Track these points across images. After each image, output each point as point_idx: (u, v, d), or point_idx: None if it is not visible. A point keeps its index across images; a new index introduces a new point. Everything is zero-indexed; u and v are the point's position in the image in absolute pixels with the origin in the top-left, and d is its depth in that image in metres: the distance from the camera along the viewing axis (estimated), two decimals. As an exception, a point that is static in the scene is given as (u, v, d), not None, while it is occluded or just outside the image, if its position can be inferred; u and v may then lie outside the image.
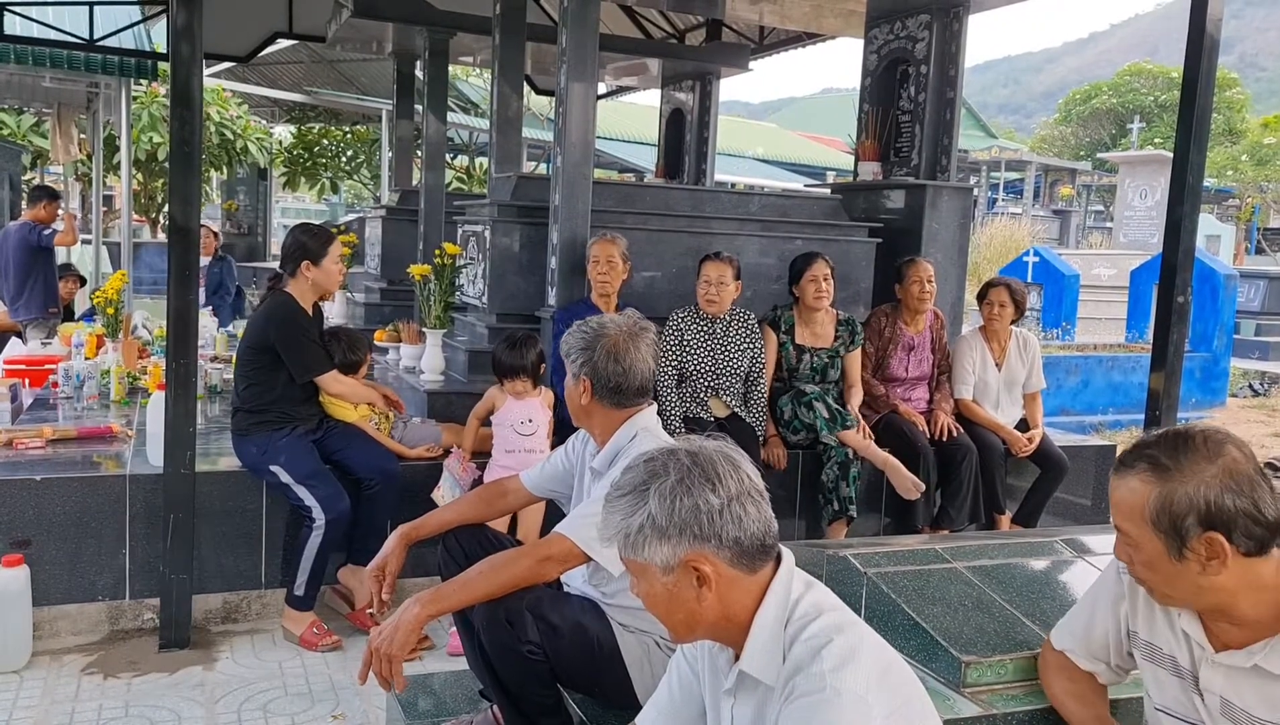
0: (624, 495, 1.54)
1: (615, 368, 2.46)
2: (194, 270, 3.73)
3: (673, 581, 1.52)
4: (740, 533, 1.51)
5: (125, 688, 3.42)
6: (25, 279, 7.67)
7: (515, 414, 4.04)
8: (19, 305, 7.81)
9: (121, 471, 3.93)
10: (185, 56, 3.71)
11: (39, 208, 7.89)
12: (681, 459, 1.54)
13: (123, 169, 9.02)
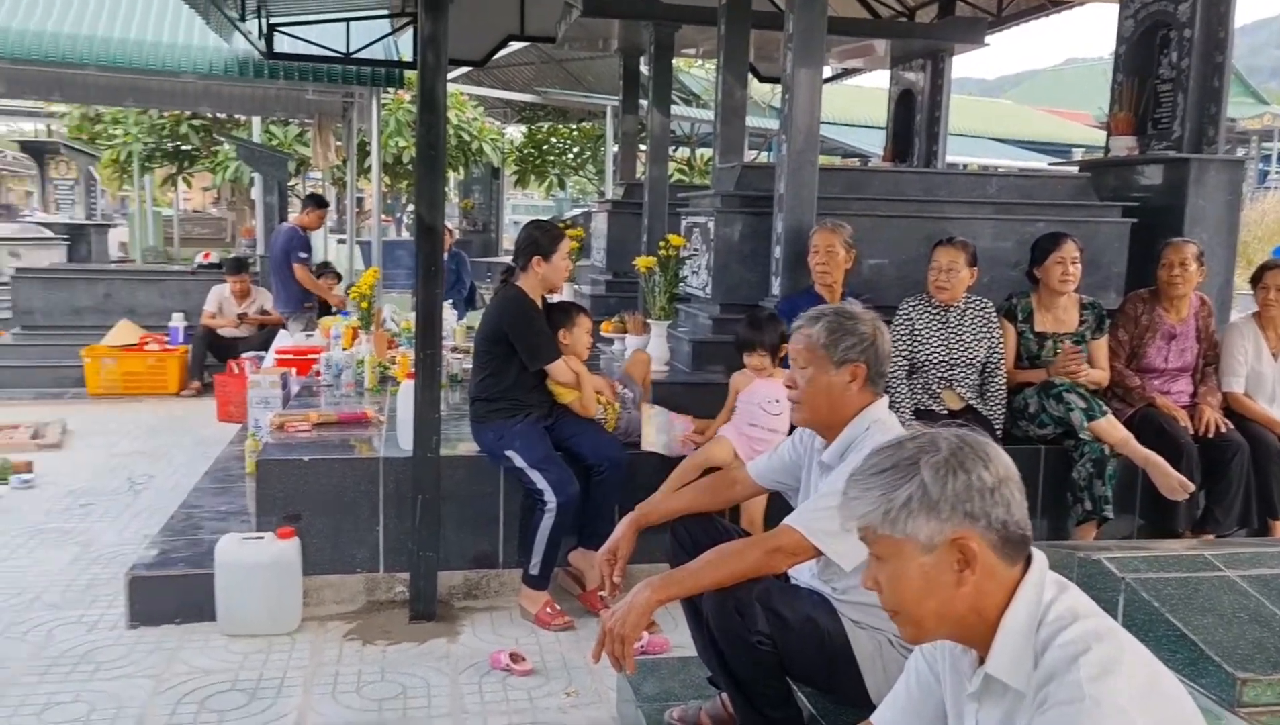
0: (883, 471, 1.49)
1: (886, 351, 2.44)
2: (439, 266, 3.95)
3: (932, 562, 1.45)
4: (1008, 517, 1.44)
5: (381, 654, 3.68)
6: (286, 276, 8.42)
7: (763, 393, 4.05)
8: (281, 300, 8.58)
9: (375, 454, 4.22)
10: (431, 64, 3.93)
11: (305, 213, 8.64)
12: (949, 437, 1.49)
13: (373, 172, 9.69)
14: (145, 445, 6.89)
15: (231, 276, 8.93)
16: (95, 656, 3.59)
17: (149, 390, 8.45)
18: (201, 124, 15.99)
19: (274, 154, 12.05)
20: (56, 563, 4.56)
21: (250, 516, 4.46)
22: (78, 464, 6.32)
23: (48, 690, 3.33)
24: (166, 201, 22.51)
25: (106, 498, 5.64)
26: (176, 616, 3.87)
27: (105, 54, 7.98)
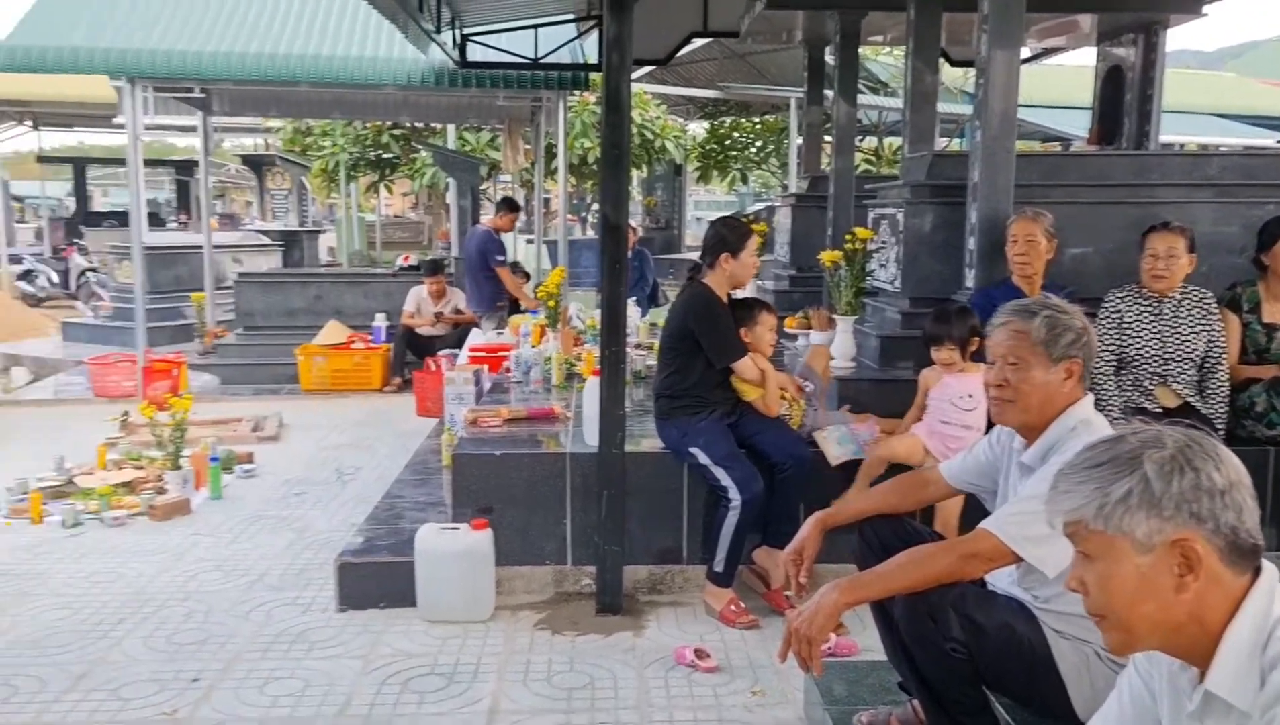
0: (1099, 464, 1.40)
1: (1095, 347, 2.35)
2: (624, 265, 4.01)
3: (1149, 563, 1.36)
4: (1239, 523, 1.33)
5: (569, 645, 3.76)
6: (479, 277, 8.77)
7: (955, 389, 3.91)
8: (474, 299, 8.94)
9: (562, 450, 4.32)
10: (615, 65, 3.98)
11: (500, 216, 8.97)
12: (1175, 434, 1.39)
13: (559, 173, 9.94)
14: (352, 438, 7.32)
15: (429, 278, 9.37)
16: (309, 636, 3.84)
17: (355, 386, 8.98)
18: (401, 133, 16.84)
19: (467, 159, 12.55)
20: (275, 547, 4.90)
21: (447, 507, 4.66)
22: (293, 455, 6.78)
23: (269, 666, 3.59)
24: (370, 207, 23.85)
25: (318, 487, 6.02)
26: (381, 601, 4.09)
27: (315, 71, 8.52)
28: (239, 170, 27.35)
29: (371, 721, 3.20)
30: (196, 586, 4.37)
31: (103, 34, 8.44)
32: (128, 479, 5.76)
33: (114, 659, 3.64)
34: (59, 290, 17.07)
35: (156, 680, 3.46)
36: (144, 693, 3.37)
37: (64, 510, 5.27)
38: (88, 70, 8.44)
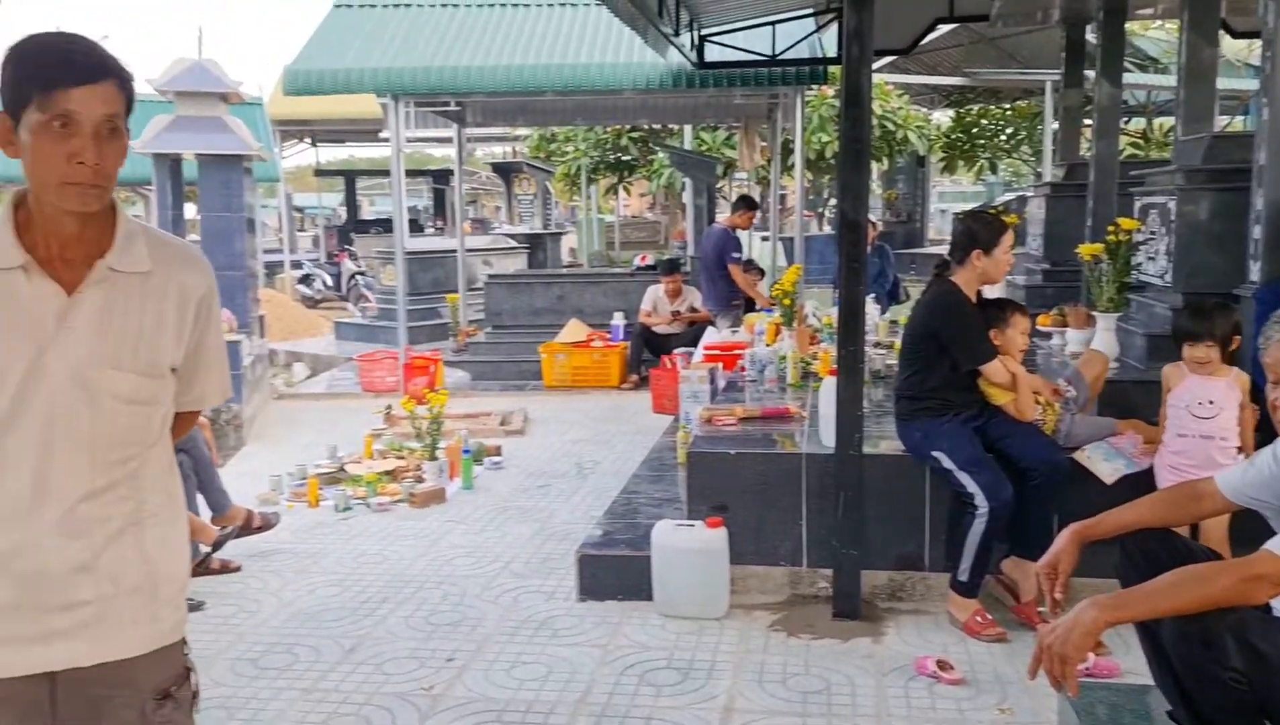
0: None
1: None
2: (863, 262, 3.91)
3: None
4: None
5: (805, 648, 3.72)
6: (715, 275, 8.83)
7: (1192, 393, 3.58)
8: (710, 297, 9.01)
9: (797, 450, 4.27)
10: (855, 57, 3.89)
11: (738, 214, 9.01)
12: None
13: (796, 170, 9.85)
14: (591, 433, 7.56)
15: (665, 277, 9.53)
16: (552, 623, 4.00)
17: (594, 383, 9.26)
18: (639, 135, 17.25)
19: (703, 159, 12.68)
20: (520, 536, 5.14)
21: (682, 504, 4.71)
22: (537, 449, 7.08)
23: (516, 649, 3.76)
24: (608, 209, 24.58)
25: (560, 480, 6.26)
26: (619, 593, 4.19)
27: (559, 79, 8.87)
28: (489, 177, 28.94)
29: (610, 710, 3.28)
30: (450, 570, 4.64)
31: (370, 56, 9.14)
32: (391, 468, 6.21)
33: (378, 635, 3.93)
34: (332, 292, 18.67)
35: (415, 657, 3.71)
36: (405, 668, 3.62)
37: (336, 495, 5.74)
38: (358, 90, 9.16)
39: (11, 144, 1.59)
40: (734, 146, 14.08)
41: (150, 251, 1.71)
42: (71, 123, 1.54)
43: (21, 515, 1.61)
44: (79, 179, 1.56)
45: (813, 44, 8.69)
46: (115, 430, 1.66)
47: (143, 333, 1.67)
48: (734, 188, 18.65)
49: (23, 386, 1.59)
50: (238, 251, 8.33)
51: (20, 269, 1.60)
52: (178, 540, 1.81)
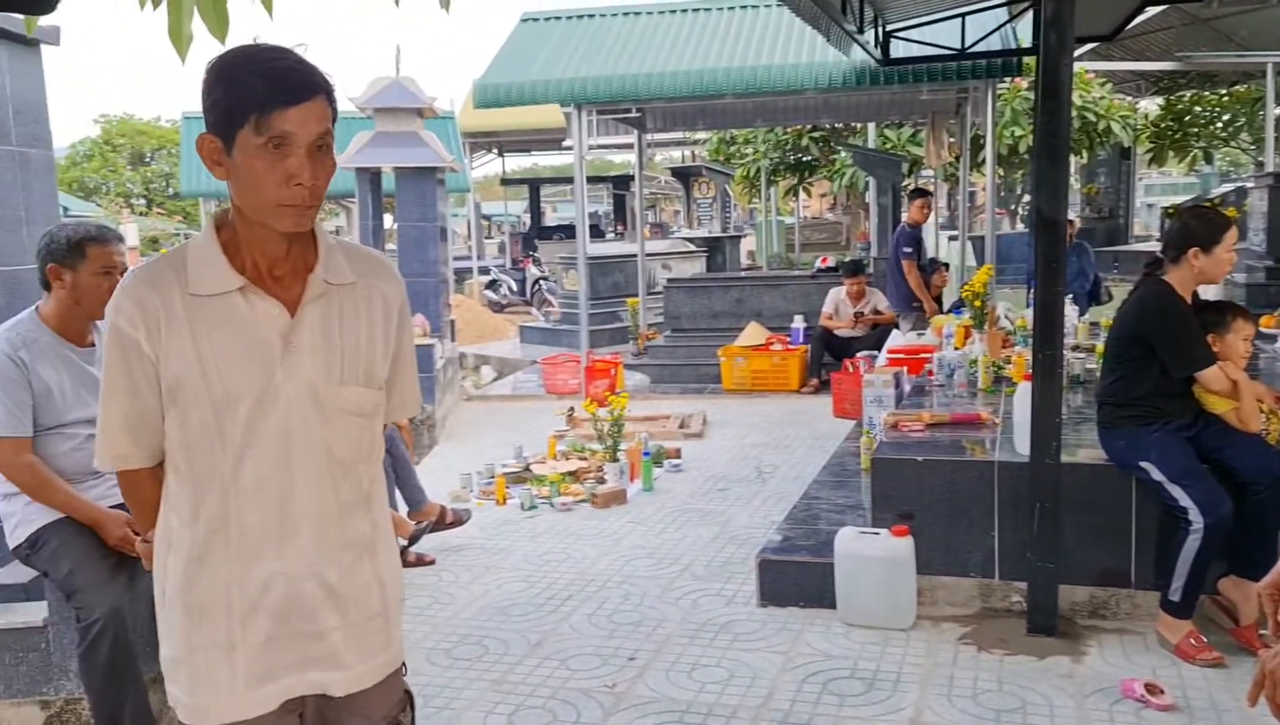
0: None
1: None
2: (1061, 262, 3.72)
3: None
4: None
5: (997, 664, 3.56)
6: (898, 274, 8.60)
7: None
8: (892, 298, 8.78)
9: (989, 457, 4.10)
10: (1054, 46, 3.70)
11: (913, 207, 8.77)
12: None
13: (987, 166, 9.47)
14: (770, 437, 7.50)
15: (848, 279, 9.35)
16: (733, 628, 3.98)
17: (773, 387, 9.19)
18: (820, 135, 17.00)
19: (888, 157, 12.37)
20: (700, 539, 5.15)
21: (865, 511, 4.61)
22: (716, 451, 7.09)
23: (697, 652, 3.77)
24: (788, 210, 24.34)
25: (739, 484, 6.24)
26: (800, 600, 4.14)
27: (740, 82, 8.85)
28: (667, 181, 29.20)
29: (793, 717, 3.24)
30: (631, 571, 4.70)
31: (555, 67, 9.38)
32: (573, 468, 6.35)
33: (563, 631, 4.02)
34: (517, 297, 19.32)
35: (599, 654, 3.78)
36: (588, 665, 3.69)
37: (522, 494, 5.92)
38: (544, 100, 9.43)
39: (220, 165, 1.55)
40: (920, 143, 13.66)
41: (349, 263, 1.70)
42: (287, 144, 1.51)
43: (272, 546, 1.60)
44: (295, 201, 1.53)
45: (1005, 35, 8.33)
46: (349, 447, 1.65)
47: (359, 344, 1.66)
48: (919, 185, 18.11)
49: (256, 412, 1.57)
50: (431, 259, 8.74)
51: (238, 292, 1.58)
52: (397, 560, 1.81)
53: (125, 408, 1.61)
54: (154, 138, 33.21)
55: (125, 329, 1.57)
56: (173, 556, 1.65)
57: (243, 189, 1.55)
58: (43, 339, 2.94)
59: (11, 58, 3.90)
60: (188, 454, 1.60)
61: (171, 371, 1.57)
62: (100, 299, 2.95)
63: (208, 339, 1.57)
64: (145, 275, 1.59)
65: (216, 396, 1.56)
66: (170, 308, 1.57)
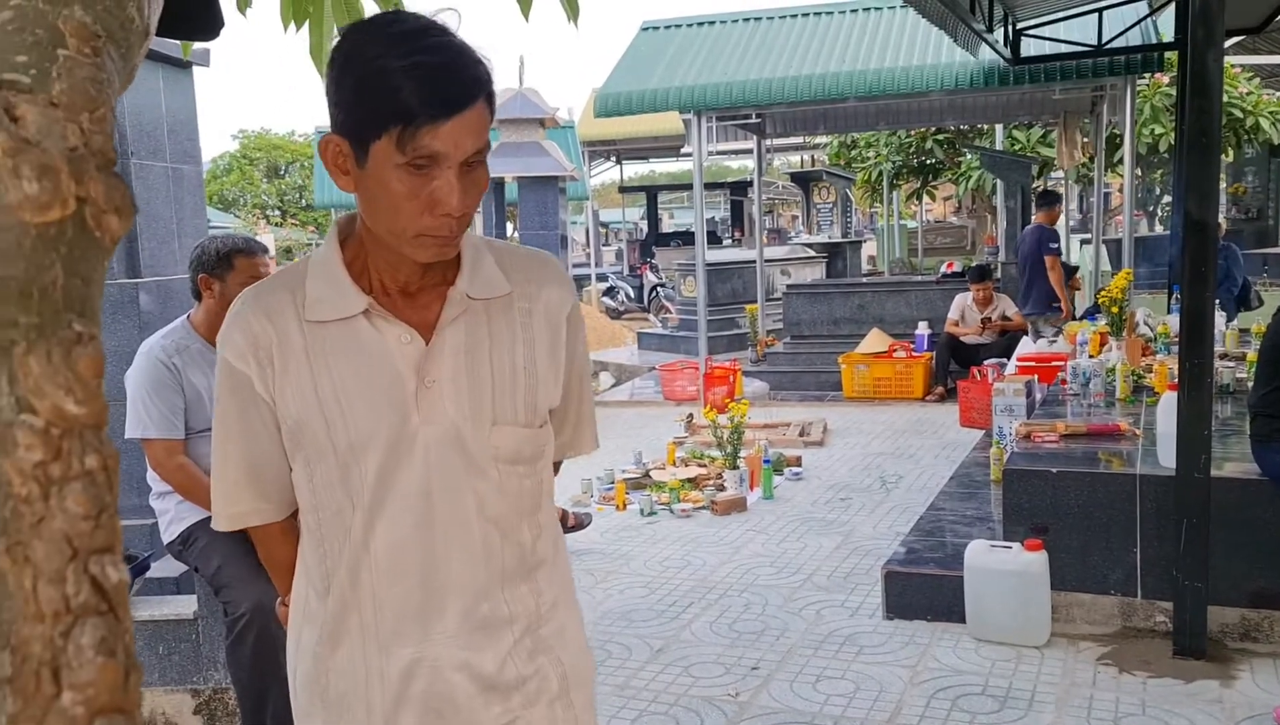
0: None
1: None
2: (1210, 267, 3.54)
3: None
4: None
5: (1140, 686, 3.40)
6: (1035, 274, 8.33)
7: None
8: (1030, 300, 8.49)
9: (1129, 470, 3.92)
10: (1201, 40, 3.53)
11: (1048, 214, 8.49)
12: None
13: (1125, 166, 9.08)
14: (894, 446, 7.34)
15: (975, 284, 9.10)
16: (858, 640, 3.91)
17: (896, 395, 9.00)
18: (945, 137, 16.61)
19: (1017, 159, 12.00)
20: (822, 549, 5.08)
21: (995, 523, 4.47)
22: (837, 460, 6.98)
23: (821, 663, 3.71)
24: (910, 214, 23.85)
25: (861, 493, 6.12)
26: (927, 613, 4.03)
27: (862, 85, 8.72)
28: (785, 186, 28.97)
29: (921, 736, 3.16)
30: (752, 579, 4.67)
31: (675, 75, 9.42)
32: (692, 475, 6.35)
33: (685, 638, 4.02)
34: (634, 304, 19.44)
35: (721, 663, 3.75)
36: (711, 673, 3.68)
37: (641, 500, 5.94)
38: (664, 108, 9.48)
39: (347, 174, 1.23)
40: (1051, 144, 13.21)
41: (503, 268, 1.37)
42: (435, 165, 1.19)
43: (413, 625, 1.31)
44: (440, 232, 1.22)
45: (1145, 29, 7.99)
46: (505, 503, 1.34)
47: (515, 372, 1.34)
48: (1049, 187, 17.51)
49: (389, 463, 1.28)
50: (553, 266, 8.87)
51: (362, 315, 1.29)
52: (579, 626, 1.47)
53: (243, 455, 1.35)
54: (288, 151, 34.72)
55: (235, 364, 1.31)
56: (307, 629, 1.38)
57: (375, 210, 1.24)
58: (193, 346, 3.08)
59: (167, 79, 4.13)
60: (317, 513, 1.33)
61: (291, 415, 1.30)
62: None
63: (328, 375, 1.28)
64: (256, 299, 1.33)
65: (341, 446, 1.28)
66: (285, 338, 1.29)
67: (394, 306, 1.31)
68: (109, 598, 0.41)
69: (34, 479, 0.41)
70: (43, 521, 0.40)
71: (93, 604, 0.40)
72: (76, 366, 0.44)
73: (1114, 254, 12.02)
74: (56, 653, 0.39)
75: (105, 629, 0.40)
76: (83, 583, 0.40)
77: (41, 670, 0.38)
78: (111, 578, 0.42)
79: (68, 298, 0.47)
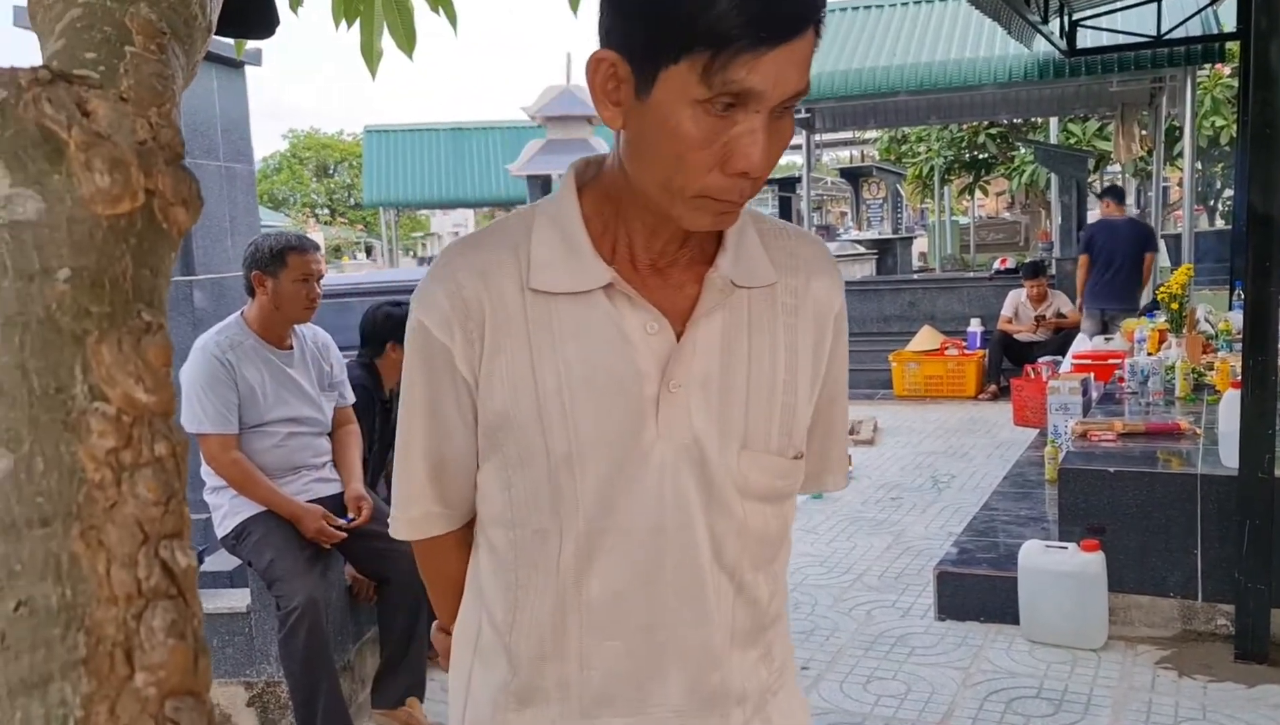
0: None
1: None
2: (1275, 261, 3.44)
3: None
4: None
5: (1200, 690, 3.32)
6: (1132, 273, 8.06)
7: None
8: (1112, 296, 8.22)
9: (1189, 470, 3.83)
10: (1265, 30, 3.44)
11: (1117, 206, 8.31)
12: None
13: (1185, 160, 8.90)
14: (945, 445, 7.26)
15: (1028, 281, 8.96)
16: (909, 641, 3.87)
17: (948, 393, 8.90)
18: (998, 131, 16.40)
19: (1072, 153, 11.79)
20: (873, 549, 5.03)
21: (1049, 524, 4.40)
22: (888, 459, 6.91)
23: (871, 664, 3.68)
24: (961, 210, 23.58)
25: (913, 492, 6.06)
26: (980, 614, 3.98)
27: (914, 79, 8.64)
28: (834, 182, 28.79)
29: (973, 737, 3.12)
30: (801, 578, 4.64)
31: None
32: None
33: (733, 636, 4.00)
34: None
35: (769, 661, 3.73)
36: (759, 671, 3.65)
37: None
38: (712, 104, 9.44)
39: (618, 105, 0.93)
40: (1107, 138, 12.99)
41: (768, 249, 1.09)
42: (743, 106, 0.90)
43: (628, 691, 1.05)
44: (728, 196, 0.94)
45: (1205, 19, 7.81)
46: (745, 547, 1.06)
47: (775, 385, 1.06)
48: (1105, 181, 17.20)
49: (614, 482, 1.01)
50: (601, 263, 8.89)
51: (602, 291, 1.01)
52: (803, 699, 1.22)
53: (430, 447, 1.08)
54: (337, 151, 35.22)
55: (434, 333, 1.03)
56: (481, 670, 1.12)
57: (647, 156, 0.95)
58: (247, 342, 3.13)
59: (220, 79, 4.21)
60: (509, 531, 1.06)
61: (494, 405, 1.02)
62: (299, 304, 3.13)
63: (551, 361, 1.00)
64: (470, 252, 1.05)
65: (556, 453, 1.00)
66: (502, 306, 1.01)
67: (641, 284, 1.02)
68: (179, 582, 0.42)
69: (107, 465, 0.42)
70: (115, 507, 0.41)
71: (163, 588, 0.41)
72: (146, 355, 0.45)
73: (1173, 249, 11.78)
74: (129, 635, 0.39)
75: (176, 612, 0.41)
76: (154, 567, 0.41)
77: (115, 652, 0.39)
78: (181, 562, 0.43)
79: (137, 288, 0.47)
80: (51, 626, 0.39)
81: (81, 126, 0.47)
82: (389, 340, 3.70)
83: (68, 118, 0.46)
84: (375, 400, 3.68)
